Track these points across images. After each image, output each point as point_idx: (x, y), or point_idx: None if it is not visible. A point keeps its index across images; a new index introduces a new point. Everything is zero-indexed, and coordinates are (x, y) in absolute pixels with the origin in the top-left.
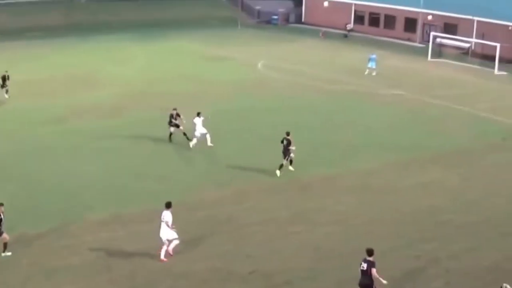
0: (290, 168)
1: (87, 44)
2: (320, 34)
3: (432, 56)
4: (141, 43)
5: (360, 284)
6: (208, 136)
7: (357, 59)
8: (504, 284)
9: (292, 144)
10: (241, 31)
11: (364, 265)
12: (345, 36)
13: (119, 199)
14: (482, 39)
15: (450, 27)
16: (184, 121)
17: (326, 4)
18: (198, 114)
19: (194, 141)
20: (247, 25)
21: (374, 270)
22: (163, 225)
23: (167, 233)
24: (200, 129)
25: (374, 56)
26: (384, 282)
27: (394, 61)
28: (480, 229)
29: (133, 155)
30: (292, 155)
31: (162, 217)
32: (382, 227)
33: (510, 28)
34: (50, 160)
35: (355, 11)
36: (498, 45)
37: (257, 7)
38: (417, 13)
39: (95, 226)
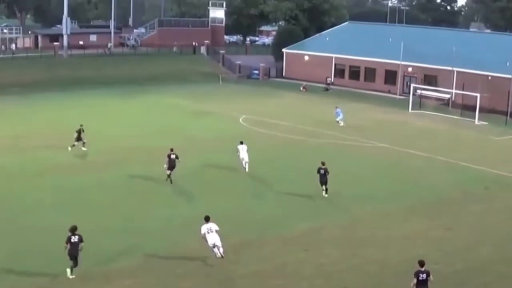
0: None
1: (69, 99)
2: (301, 88)
3: (412, 108)
4: (123, 98)
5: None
6: (247, 164)
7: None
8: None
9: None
10: (222, 86)
11: (424, 275)
12: (326, 89)
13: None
14: (462, 89)
15: (430, 79)
16: (180, 161)
17: (306, 58)
18: (242, 143)
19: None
20: (228, 80)
21: (431, 277)
22: (214, 234)
23: (217, 239)
24: (243, 155)
25: (339, 110)
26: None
27: (376, 113)
28: (464, 279)
29: (117, 209)
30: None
31: (209, 228)
32: (366, 279)
33: (489, 78)
34: (32, 217)
35: (335, 64)
36: (478, 95)
37: (238, 62)
38: (397, 65)
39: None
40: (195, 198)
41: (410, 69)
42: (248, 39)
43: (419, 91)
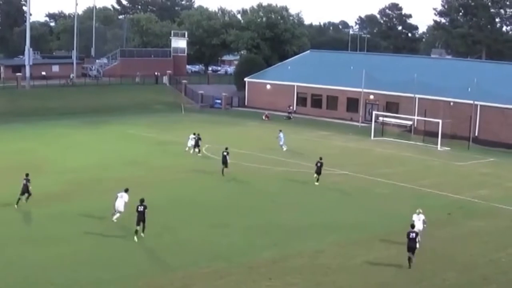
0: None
1: (32, 130)
2: (264, 117)
3: (375, 135)
4: (86, 129)
5: (409, 247)
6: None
7: (301, 141)
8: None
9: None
10: (185, 116)
11: (413, 235)
12: (289, 118)
13: None
14: (424, 116)
15: (392, 106)
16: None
17: (268, 87)
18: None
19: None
20: (191, 109)
21: (419, 237)
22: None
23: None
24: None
25: (281, 134)
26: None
27: (338, 141)
28: None
29: (77, 244)
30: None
31: (121, 195)
32: None
33: (451, 104)
34: None
35: (297, 93)
36: (440, 121)
37: (200, 92)
38: (359, 93)
39: None
40: (159, 228)
41: (372, 97)
42: (210, 68)
43: (381, 118)
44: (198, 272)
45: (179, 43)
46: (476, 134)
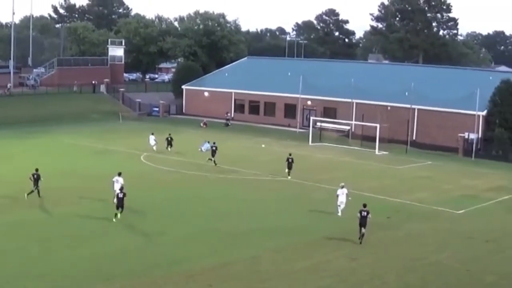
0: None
1: None
2: (202, 124)
3: (313, 141)
4: (24, 139)
5: (361, 224)
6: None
7: (239, 147)
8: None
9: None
10: (123, 124)
11: (365, 213)
12: (226, 125)
13: None
14: (362, 120)
15: (329, 111)
16: None
17: (206, 94)
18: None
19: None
20: (129, 117)
21: (369, 215)
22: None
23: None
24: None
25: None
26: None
27: (276, 147)
28: None
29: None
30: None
31: (116, 180)
32: None
33: (389, 108)
34: None
35: (235, 99)
36: (378, 126)
37: (138, 100)
38: (296, 99)
39: None
40: (98, 237)
41: (309, 102)
42: (147, 76)
43: (319, 124)
44: (136, 281)
45: (116, 51)
46: (414, 138)
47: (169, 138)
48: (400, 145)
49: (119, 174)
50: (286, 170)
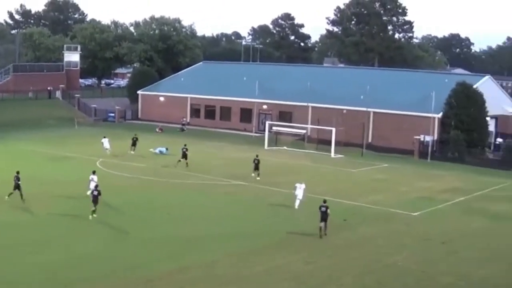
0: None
1: None
2: (157, 129)
3: (269, 145)
4: None
5: (322, 218)
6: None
7: (196, 152)
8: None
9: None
10: (78, 130)
11: (324, 208)
12: (182, 130)
13: None
14: (318, 124)
15: (285, 115)
16: None
17: (162, 99)
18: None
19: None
20: (85, 123)
21: (329, 210)
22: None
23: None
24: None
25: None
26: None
27: (232, 151)
28: None
29: None
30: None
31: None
32: None
33: (344, 111)
34: None
35: (191, 104)
36: (333, 129)
37: (93, 105)
38: (252, 103)
39: None
40: (57, 243)
41: (265, 107)
42: (103, 82)
43: (274, 128)
44: (95, 287)
45: (72, 57)
46: (370, 140)
47: (135, 139)
48: (356, 148)
49: (94, 173)
50: (253, 173)
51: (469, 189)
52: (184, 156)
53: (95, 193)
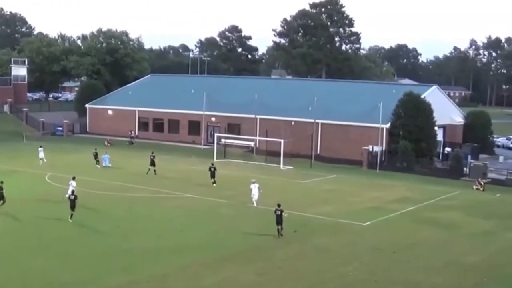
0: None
1: None
2: (106, 143)
3: (217, 157)
4: None
5: (277, 221)
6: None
7: (143, 165)
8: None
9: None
10: (26, 144)
11: (279, 212)
12: (131, 143)
13: None
14: (266, 136)
15: (233, 127)
16: None
17: (110, 112)
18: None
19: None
20: (33, 137)
21: (284, 213)
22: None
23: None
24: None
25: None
26: (286, 215)
27: (181, 164)
28: None
29: None
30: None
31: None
32: None
33: (293, 123)
34: None
35: (139, 117)
36: (282, 141)
37: (41, 119)
38: (200, 115)
39: None
40: (1, 259)
41: (213, 119)
42: (51, 95)
43: (223, 140)
44: None
45: (20, 70)
46: (318, 152)
47: (95, 153)
48: (305, 159)
49: (73, 179)
50: (211, 180)
51: (418, 198)
52: (152, 163)
53: (72, 197)
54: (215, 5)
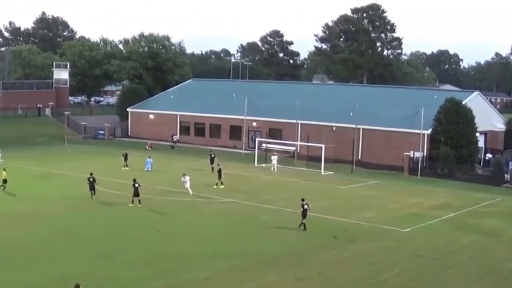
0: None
1: None
2: (147, 147)
3: (258, 162)
4: None
5: (303, 215)
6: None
7: (186, 169)
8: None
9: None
10: (68, 147)
11: (306, 206)
12: (172, 147)
13: None
14: (307, 141)
15: (275, 132)
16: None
17: (151, 116)
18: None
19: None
20: (74, 141)
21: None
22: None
23: None
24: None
25: (149, 159)
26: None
27: (223, 169)
28: None
29: None
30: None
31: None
32: None
33: (334, 128)
34: None
35: (180, 122)
36: (323, 146)
37: (83, 123)
38: (242, 120)
39: None
40: (44, 262)
41: (254, 124)
42: (92, 99)
43: (264, 145)
44: None
45: (61, 74)
46: (359, 157)
47: (125, 154)
48: (346, 165)
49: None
50: (217, 182)
51: (459, 205)
52: (212, 161)
53: (136, 185)
54: (257, 10)
